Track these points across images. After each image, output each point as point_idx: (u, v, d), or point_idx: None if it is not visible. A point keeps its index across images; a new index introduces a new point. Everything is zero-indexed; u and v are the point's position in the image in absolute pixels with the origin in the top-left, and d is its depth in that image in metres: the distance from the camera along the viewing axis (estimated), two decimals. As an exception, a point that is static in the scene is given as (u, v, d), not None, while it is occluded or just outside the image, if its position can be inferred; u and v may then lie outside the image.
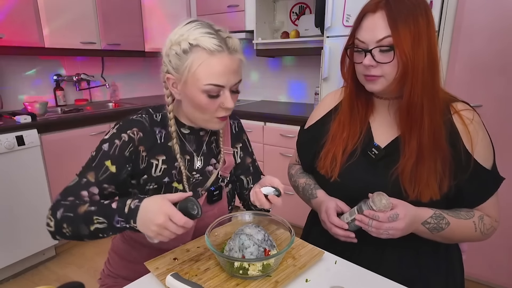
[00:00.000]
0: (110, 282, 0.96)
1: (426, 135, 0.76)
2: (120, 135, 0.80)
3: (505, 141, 1.57)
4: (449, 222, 0.77)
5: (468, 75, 1.60)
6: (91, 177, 0.78)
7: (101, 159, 0.78)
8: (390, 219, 0.72)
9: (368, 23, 0.74)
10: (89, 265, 2.09)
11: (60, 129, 2.08)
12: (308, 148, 0.98)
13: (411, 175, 0.77)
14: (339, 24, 1.88)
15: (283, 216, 0.83)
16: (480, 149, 0.78)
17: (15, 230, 1.90)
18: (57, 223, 0.73)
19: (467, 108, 0.80)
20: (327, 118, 0.96)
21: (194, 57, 0.72)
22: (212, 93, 0.74)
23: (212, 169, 0.91)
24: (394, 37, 0.71)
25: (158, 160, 0.83)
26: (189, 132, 0.88)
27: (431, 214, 0.76)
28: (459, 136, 0.78)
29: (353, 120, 0.88)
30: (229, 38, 0.75)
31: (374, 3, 0.74)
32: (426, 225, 0.76)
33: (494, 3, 1.48)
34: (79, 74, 2.70)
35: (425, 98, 0.74)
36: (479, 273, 1.76)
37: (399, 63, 0.72)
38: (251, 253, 0.71)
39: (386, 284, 0.72)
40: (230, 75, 0.74)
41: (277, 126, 2.25)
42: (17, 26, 2.04)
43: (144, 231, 0.68)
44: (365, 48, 0.75)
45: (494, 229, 0.82)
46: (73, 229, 0.72)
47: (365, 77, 0.78)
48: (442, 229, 0.77)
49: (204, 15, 2.75)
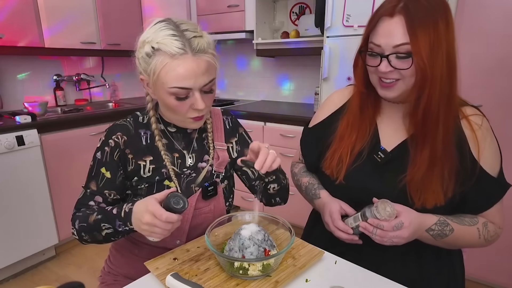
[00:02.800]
0: (110, 279, 0.97)
1: (440, 144, 0.74)
2: (107, 141, 0.84)
3: (505, 141, 1.57)
4: (453, 229, 0.76)
5: (468, 75, 1.60)
6: (93, 187, 0.84)
7: (97, 168, 0.84)
8: (395, 228, 0.71)
9: (384, 27, 0.71)
10: (89, 265, 2.09)
11: (60, 129, 2.08)
12: (313, 147, 0.97)
13: (419, 183, 0.76)
14: (339, 24, 1.88)
15: (283, 216, 0.83)
16: (487, 155, 0.76)
17: (15, 230, 1.90)
18: (78, 233, 0.81)
19: (476, 113, 0.79)
20: (334, 117, 0.93)
21: (157, 60, 0.72)
22: (179, 95, 0.75)
23: (206, 165, 0.91)
24: (412, 45, 0.68)
25: (146, 161, 0.85)
26: (176, 130, 0.89)
27: (435, 221, 0.75)
28: (466, 142, 0.77)
29: (362, 122, 0.86)
30: (195, 38, 0.73)
31: (391, 6, 0.70)
32: (430, 232, 0.75)
33: (494, 3, 1.48)
34: (79, 74, 2.70)
35: (441, 106, 0.72)
36: (479, 273, 1.76)
37: (417, 71, 0.70)
38: (251, 253, 0.71)
39: (386, 284, 0.72)
40: (197, 77, 0.73)
41: (277, 126, 2.25)
42: (17, 26, 2.04)
43: (139, 231, 0.71)
44: (381, 52, 0.72)
45: (497, 236, 0.81)
46: (90, 236, 0.80)
47: (381, 83, 0.76)
48: (446, 235, 0.76)
49: (204, 15, 2.75)
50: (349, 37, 1.85)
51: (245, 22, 2.54)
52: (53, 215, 2.08)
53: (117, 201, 0.87)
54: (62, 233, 2.14)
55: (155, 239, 0.71)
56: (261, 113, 2.34)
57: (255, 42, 2.52)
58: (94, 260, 2.14)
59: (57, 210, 2.09)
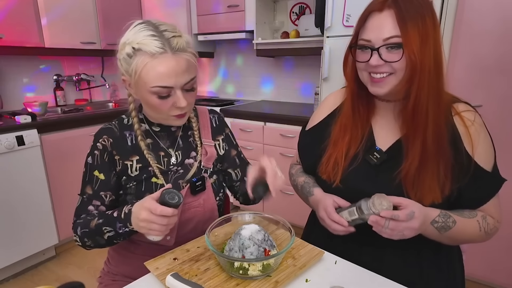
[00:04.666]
0: (109, 280, 0.97)
1: (430, 138, 0.75)
2: (96, 145, 0.87)
3: (505, 141, 1.57)
4: (456, 221, 0.75)
5: (468, 75, 1.60)
6: (89, 191, 0.86)
7: (90, 172, 0.87)
8: (409, 217, 0.69)
9: (374, 22, 0.73)
10: (89, 265, 2.09)
11: (60, 129, 2.08)
12: (310, 151, 0.97)
13: (414, 179, 0.77)
14: (339, 24, 1.88)
15: (283, 216, 0.83)
16: (481, 150, 0.77)
17: (15, 230, 1.90)
18: (80, 239, 0.83)
19: (469, 109, 0.80)
20: (330, 120, 0.94)
21: (137, 60, 0.74)
22: (161, 94, 0.77)
23: (193, 161, 0.93)
24: (403, 36, 0.70)
25: (132, 160, 0.88)
26: (160, 130, 0.91)
27: (438, 213, 0.75)
28: (460, 138, 0.77)
29: (355, 123, 0.86)
30: (174, 37, 0.75)
31: (380, 1, 0.73)
32: (434, 224, 0.75)
33: (495, 3, 1.48)
34: (79, 74, 2.71)
35: (430, 100, 0.73)
36: (479, 273, 1.76)
37: (408, 63, 0.71)
38: (251, 253, 0.71)
39: (386, 284, 0.72)
40: (178, 75, 0.75)
41: (277, 126, 2.25)
42: (17, 26, 2.04)
43: (139, 231, 0.74)
44: (371, 46, 0.74)
45: (496, 230, 0.81)
46: (93, 241, 0.82)
47: (371, 79, 0.77)
48: (449, 227, 0.75)
49: (204, 15, 2.75)
50: (349, 37, 1.81)
51: (245, 22, 2.54)
52: (53, 215, 2.08)
53: (114, 202, 0.89)
54: (62, 233, 2.14)
55: (155, 238, 0.72)
56: (261, 113, 2.34)
57: (255, 42, 2.52)
58: (94, 260, 2.14)
59: (57, 210, 2.09)
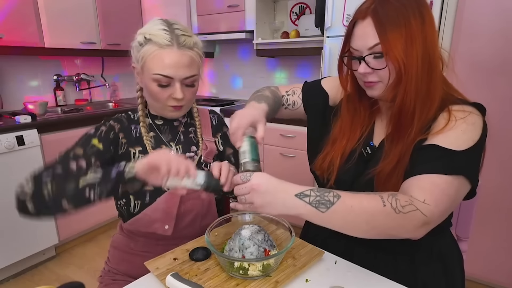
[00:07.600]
0: (109, 279, 0.98)
1: (411, 142, 0.72)
2: (104, 123, 0.91)
3: (505, 141, 1.57)
4: (340, 195, 0.63)
5: (468, 75, 1.60)
6: (79, 152, 0.82)
7: (87, 139, 0.86)
8: (243, 177, 0.64)
9: (359, 30, 0.73)
10: (89, 265, 2.09)
11: (60, 129, 2.08)
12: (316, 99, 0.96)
13: (386, 178, 0.75)
14: (339, 24, 1.88)
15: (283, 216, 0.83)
16: (451, 134, 0.68)
17: (15, 230, 1.90)
18: (36, 182, 0.71)
19: (464, 110, 0.70)
20: (331, 115, 0.93)
21: (146, 49, 0.82)
22: (161, 82, 0.83)
23: (194, 155, 0.96)
24: (383, 44, 0.68)
25: (136, 150, 0.91)
26: (162, 123, 0.96)
27: (309, 188, 0.65)
28: (430, 127, 0.72)
29: (354, 126, 0.86)
30: (184, 36, 0.83)
31: (363, 8, 0.72)
32: (304, 198, 0.63)
33: (495, 2, 1.48)
34: (79, 74, 2.70)
35: (418, 102, 0.71)
36: (479, 273, 1.76)
37: (391, 70, 0.70)
38: (251, 253, 0.71)
39: (386, 284, 0.72)
40: (179, 68, 0.82)
41: (277, 126, 2.25)
42: (17, 26, 2.04)
43: (142, 173, 0.68)
44: (359, 55, 0.73)
45: (415, 209, 0.62)
46: (57, 188, 0.69)
47: (364, 83, 0.77)
48: (331, 203, 0.62)
49: (204, 15, 2.75)
50: (349, 37, 1.85)
51: (245, 22, 2.54)
52: (53, 215, 2.07)
53: None
54: (62, 233, 2.14)
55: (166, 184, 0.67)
56: (261, 113, 2.33)
57: (255, 42, 2.52)
58: (94, 260, 2.14)
59: (57, 210, 2.09)
